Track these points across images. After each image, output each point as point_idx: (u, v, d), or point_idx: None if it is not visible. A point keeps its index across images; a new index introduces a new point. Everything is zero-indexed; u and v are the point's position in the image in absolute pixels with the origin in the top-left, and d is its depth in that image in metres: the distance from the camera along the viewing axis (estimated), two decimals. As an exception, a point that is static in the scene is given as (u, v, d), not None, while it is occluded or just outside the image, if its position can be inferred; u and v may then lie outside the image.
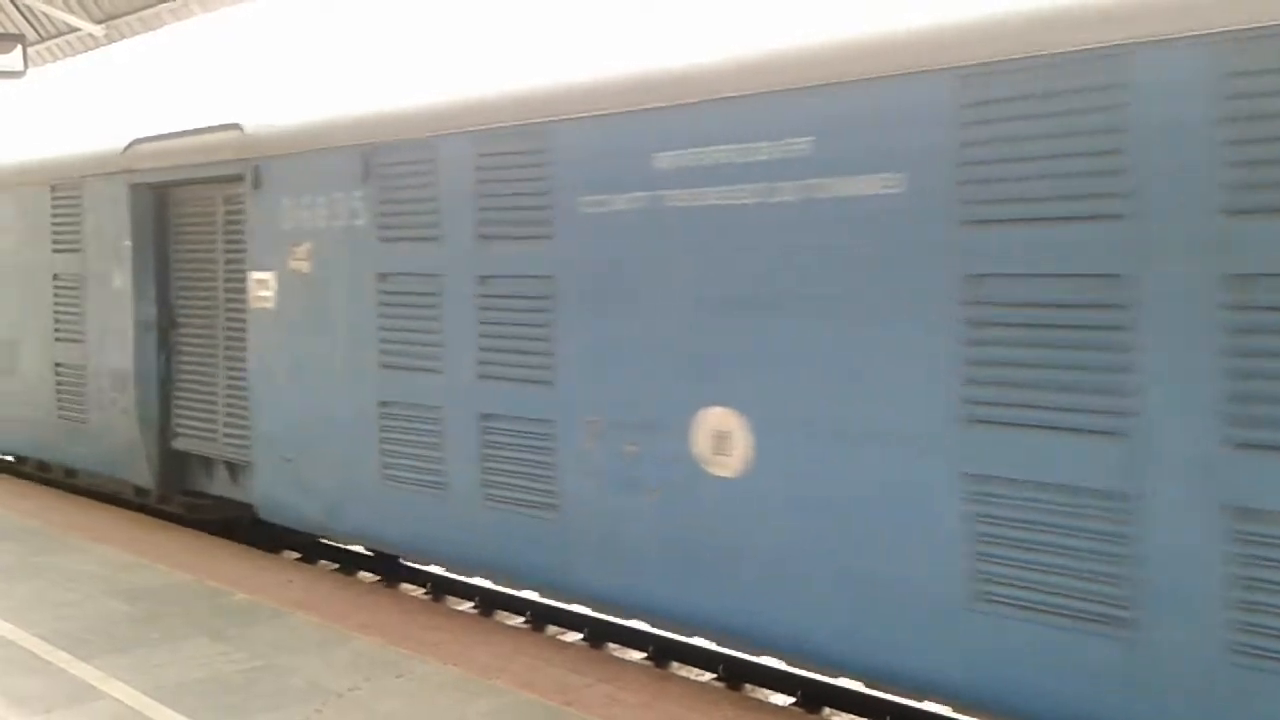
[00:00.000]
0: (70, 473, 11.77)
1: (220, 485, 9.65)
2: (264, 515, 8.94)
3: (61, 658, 6.45)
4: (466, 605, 8.66)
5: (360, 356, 7.88)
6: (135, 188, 9.87)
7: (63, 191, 10.83)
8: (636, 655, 7.74)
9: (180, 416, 9.91)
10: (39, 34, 18.98)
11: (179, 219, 9.88)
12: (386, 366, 7.71)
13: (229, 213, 9.20)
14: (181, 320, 9.86)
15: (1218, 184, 4.18)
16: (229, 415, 9.28)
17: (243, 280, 8.90)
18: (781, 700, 6.98)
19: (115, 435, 10.32)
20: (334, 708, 5.72)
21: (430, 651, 6.61)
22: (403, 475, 7.68)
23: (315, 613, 7.37)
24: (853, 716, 6.81)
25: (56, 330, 11.03)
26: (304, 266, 8.29)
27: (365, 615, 7.34)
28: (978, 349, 4.80)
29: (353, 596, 7.87)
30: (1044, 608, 4.64)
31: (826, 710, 6.91)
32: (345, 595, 7.89)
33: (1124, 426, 4.41)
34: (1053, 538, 4.61)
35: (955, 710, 5.54)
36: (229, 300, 9.22)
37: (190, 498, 10.00)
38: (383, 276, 7.71)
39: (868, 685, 6.74)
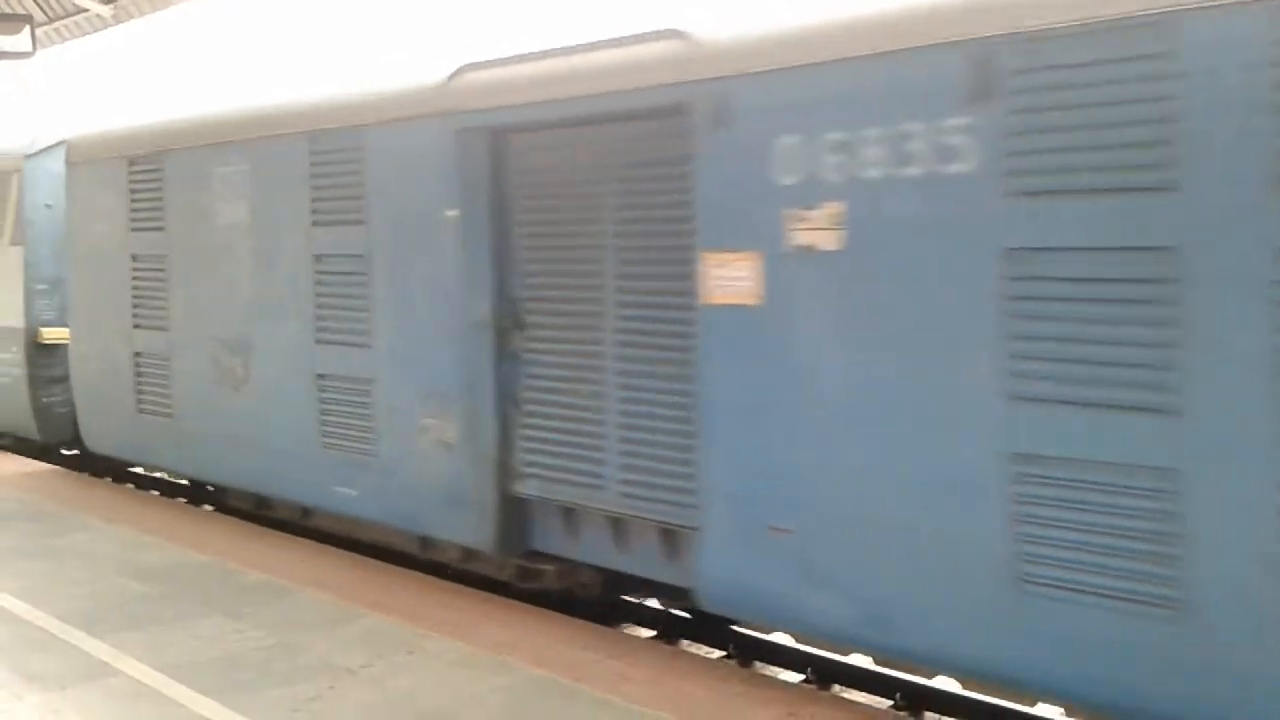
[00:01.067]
0: (306, 512, 9.30)
1: (596, 550, 6.88)
2: (714, 606, 6.17)
3: (75, 635, 6.50)
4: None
5: (963, 382, 4.90)
6: (465, 134, 7.08)
7: (329, 144, 8.06)
8: (646, 633, 7.76)
9: (530, 451, 6.99)
10: (47, 15, 18.94)
11: (532, 177, 6.97)
12: (1024, 400, 4.72)
13: (640, 163, 6.43)
14: (533, 319, 6.98)
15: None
16: (632, 452, 6.49)
17: (678, 264, 6.14)
18: (791, 677, 7.00)
19: (425, 474, 7.45)
20: (346, 684, 5.76)
21: (442, 629, 6.64)
22: (1072, 580, 4.63)
23: (328, 591, 7.41)
24: (862, 693, 6.83)
25: (320, 331, 8.25)
26: (826, 241, 5.43)
27: (377, 594, 7.38)
28: None
29: (365, 575, 7.90)
30: None
31: (836, 687, 6.93)
32: (357, 574, 7.92)
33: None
34: None
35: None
36: (631, 291, 6.49)
37: (532, 560, 7.30)
38: (1017, 256, 4.71)
39: (876, 662, 6.77)
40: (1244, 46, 4.07)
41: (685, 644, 7.64)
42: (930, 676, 6.53)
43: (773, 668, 7.23)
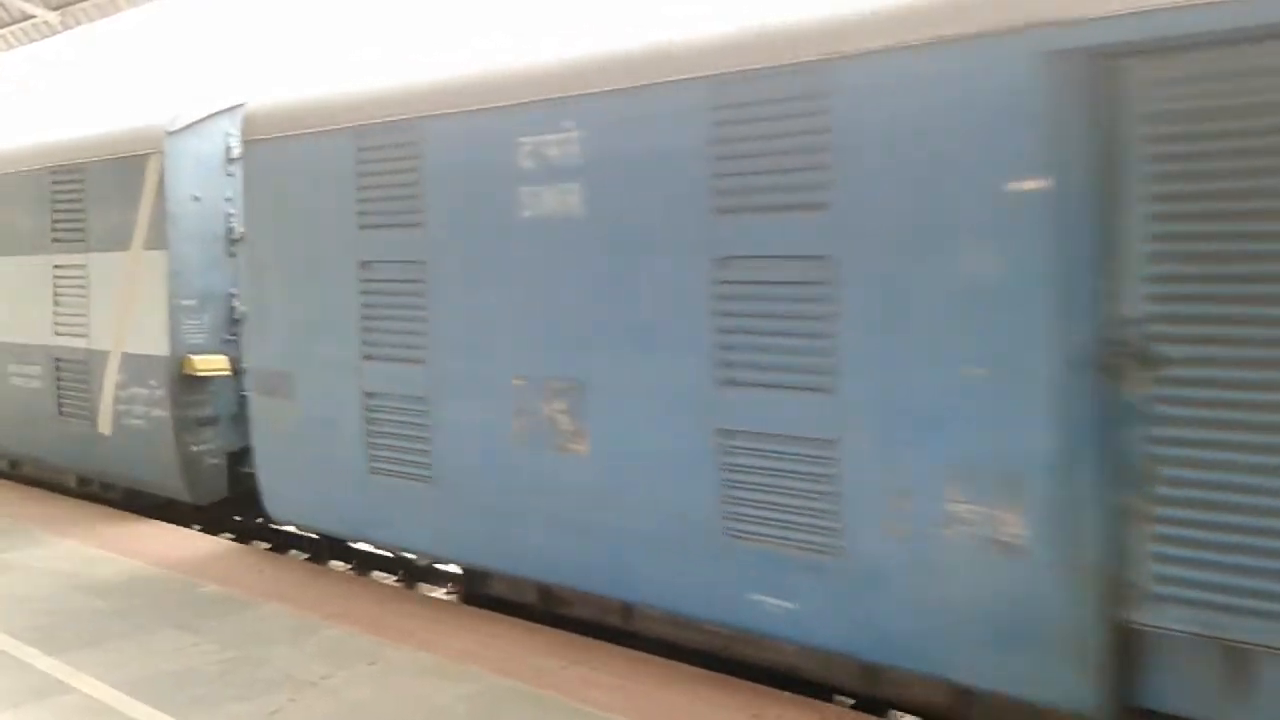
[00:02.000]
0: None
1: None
2: None
3: (29, 653, 6.37)
4: (440, 592, 8.61)
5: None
6: (1060, 60, 4.60)
7: (754, 92, 5.54)
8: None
9: (1171, 560, 4.55)
10: (-7, 22, 18.65)
11: (1179, 126, 4.46)
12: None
13: None
14: (1174, 352, 4.50)
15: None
16: None
17: None
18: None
19: (953, 588, 5.05)
20: (306, 697, 5.68)
21: (404, 639, 6.58)
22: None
23: (287, 603, 7.32)
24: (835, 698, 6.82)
25: (725, 366, 5.77)
26: None
27: (337, 604, 7.30)
28: None
29: (324, 586, 7.82)
30: None
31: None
32: (317, 585, 7.83)
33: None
34: None
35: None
36: None
37: None
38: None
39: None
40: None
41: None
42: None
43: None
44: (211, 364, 9.59)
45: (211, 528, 10.23)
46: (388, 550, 8.62)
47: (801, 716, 5.43)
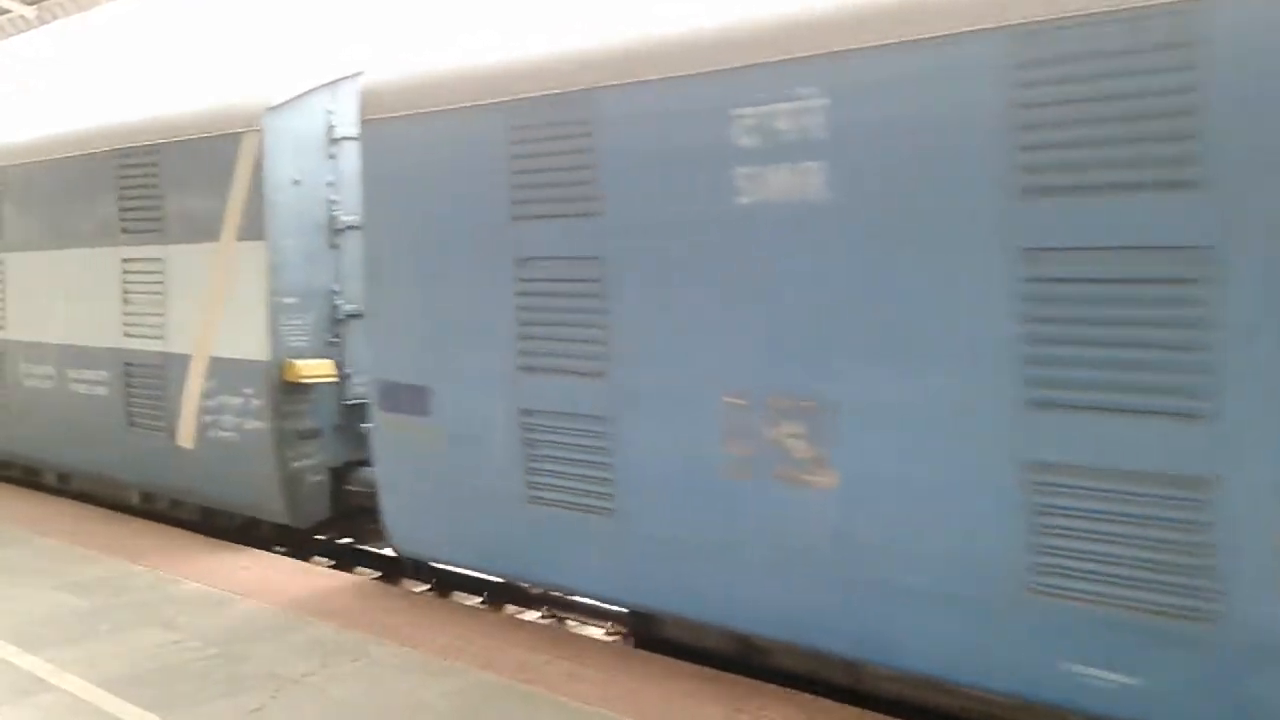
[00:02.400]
0: None
1: None
2: None
3: (9, 651, 6.34)
4: (424, 588, 8.60)
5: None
6: None
7: (1084, 41, 4.46)
8: (597, 632, 7.74)
9: None
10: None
11: None
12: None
13: None
14: None
15: None
16: None
17: None
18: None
19: None
20: (289, 693, 5.67)
21: (388, 634, 6.57)
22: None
23: (270, 600, 7.30)
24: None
25: (1038, 386, 4.69)
26: None
27: (321, 600, 7.29)
28: None
29: (308, 582, 7.80)
30: None
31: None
32: (301, 581, 7.81)
33: None
34: None
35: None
36: None
37: None
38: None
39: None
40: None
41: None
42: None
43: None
44: (316, 370, 8.49)
45: (295, 551, 9.19)
46: (551, 590, 7.64)
47: (783, 709, 5.45)
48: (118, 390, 9.88)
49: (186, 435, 9.16)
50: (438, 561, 7.95)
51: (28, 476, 11.83)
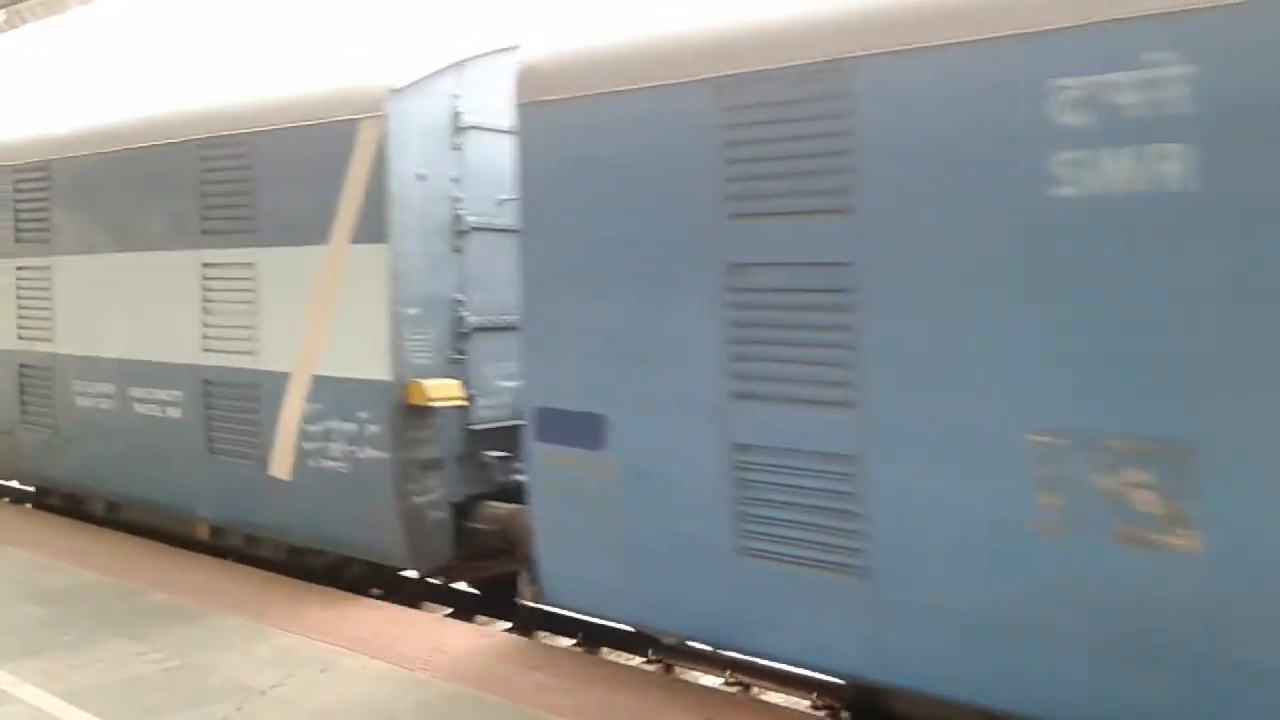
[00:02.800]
0: None
1: None
2: None
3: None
4: (393, 598, 8.54)
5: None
6: None
7: None
8: (566, 642, 7.71)
9: None
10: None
11: None
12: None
13: None
14: None
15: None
16: None
17: None
18: (712, 681, 7.00)
19: None
20: (255, 705, 5.61)
21: (356, 646, 6.52)
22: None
23: (237, 611, 7.23)
24: (780, 695, 6.85)
25: None
26: None
27: (288, 611, 7.21)
28: None
29: (275, 593, 7.73)
30: None
31: (754, 690, 6.94)
32: (267, 593, 7.73)
33: None
34: None
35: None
36: None
37: None
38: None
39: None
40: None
41: (605, 652, 7.59)
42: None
43: (693, 671, 7.21)
44: (444, 391, 7.34)
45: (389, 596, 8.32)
46: (756, 657, 6.28)
47: (754, 719, 5.44)
48: (195, 412, 8.65)
49: (282, 465, 7.93)
50: (605, 618, 6.84)
51: (69, 505, 10.60)
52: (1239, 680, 4.21)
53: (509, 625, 7.91)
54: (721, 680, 6.76)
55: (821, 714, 6.19)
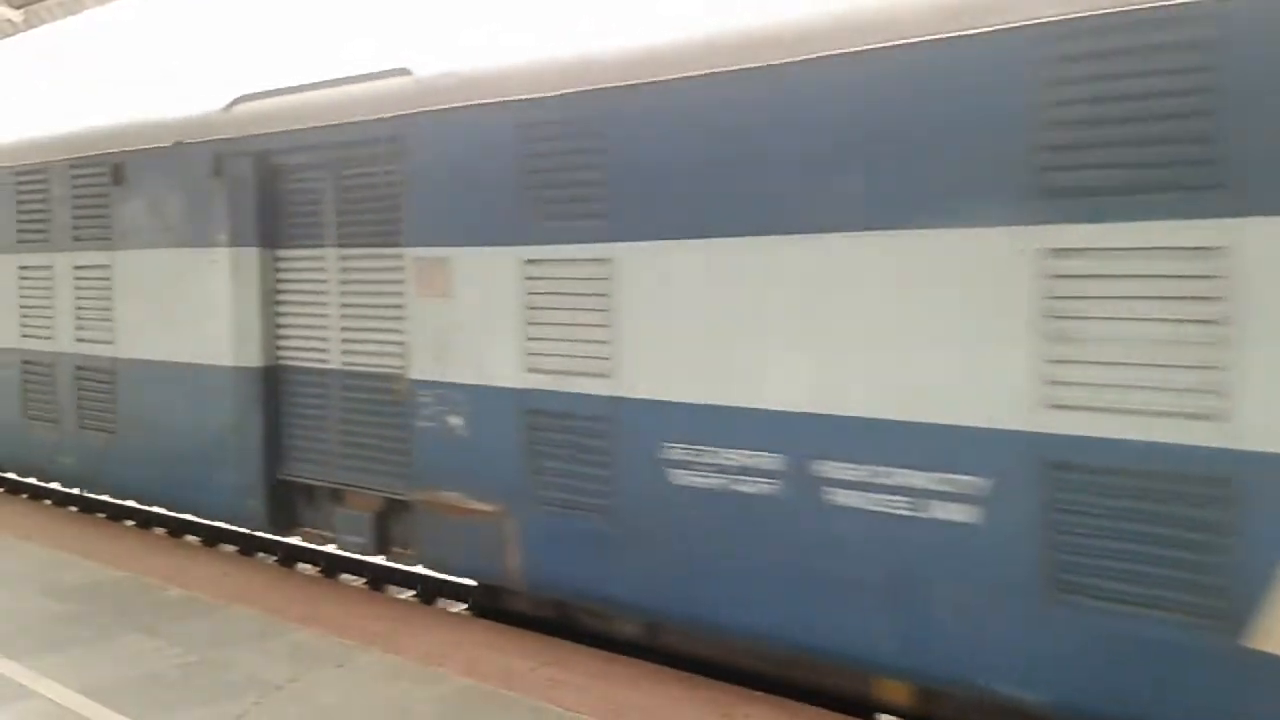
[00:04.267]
0: None
1: None
2: None
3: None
4: (408, 594, 8.56)
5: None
6: None
7: None
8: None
9: None
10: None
11: None
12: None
13: None
14: None
15: None
16: None
17: None
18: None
19: None
20: (272, 700, 5.63)
21: (372, 641, 6.53)
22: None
23: (253, 606, 7.26)
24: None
25: None
26: None
27: (304, 607, 7.24)
28: None
29: (291, 589, 7.76)
30: None
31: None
32: (284, 588, 7.77)
33: None
34: None
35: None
36: None
37: None
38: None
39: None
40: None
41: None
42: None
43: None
44: None
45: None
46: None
47: (770, 715, 5.44)
48: (1019, 516, 4.78)
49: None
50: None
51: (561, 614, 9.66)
52: None
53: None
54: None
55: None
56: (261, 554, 9.67)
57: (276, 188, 8.10)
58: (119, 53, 10.75)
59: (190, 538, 10.05)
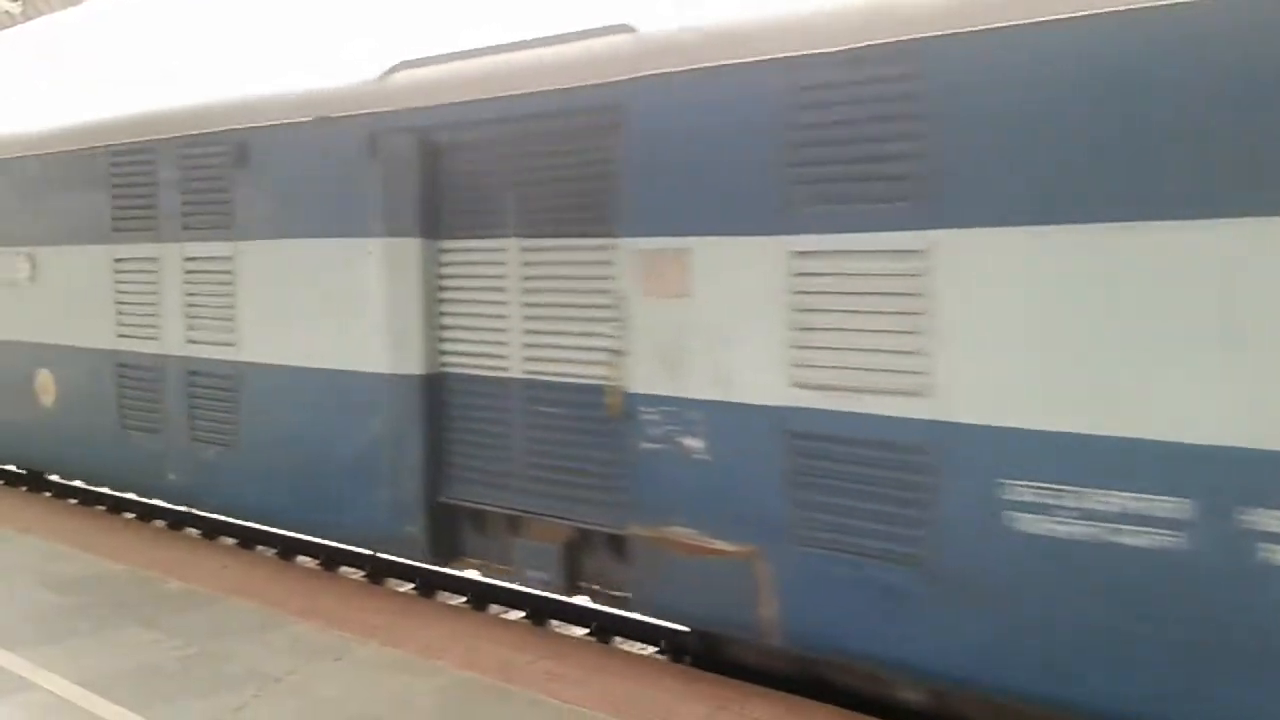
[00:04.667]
0: None
1: None
2: None
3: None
4: (407, 587, 8.58)
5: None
6: None
7: None
8: (579, 632, 7.74)
9: None
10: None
11: None
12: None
13: None
14: None
15: None
16: None
17: None
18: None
19: None
20: (271, 693, 5.65)
21: (371, 634, 6.55)
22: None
23: (252, 598, 7.28)
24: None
25: None
26: None
27: (303, 600, 7.26)
28: None
29: (290, 581, 7.78)
30: None
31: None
32: (283, 580, 7.79)
33: None
34: None
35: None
36: None
37: None
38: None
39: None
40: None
41: (618, 642, 7.62)
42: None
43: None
44: None
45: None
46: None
47: (765, 710, 5.46)
48: None
49: None
50: None
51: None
52: None
53: (522, 614, 7.95)
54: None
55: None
56: (260, 547, 9.69)
57: (442, 169, 7.01)
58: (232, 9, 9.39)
59: (190, 530, 10.06)
